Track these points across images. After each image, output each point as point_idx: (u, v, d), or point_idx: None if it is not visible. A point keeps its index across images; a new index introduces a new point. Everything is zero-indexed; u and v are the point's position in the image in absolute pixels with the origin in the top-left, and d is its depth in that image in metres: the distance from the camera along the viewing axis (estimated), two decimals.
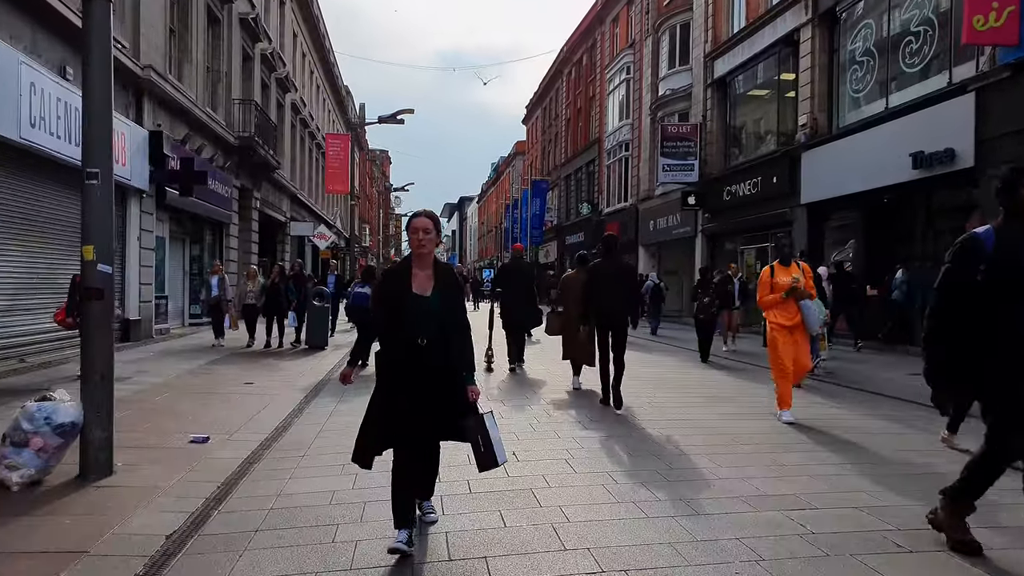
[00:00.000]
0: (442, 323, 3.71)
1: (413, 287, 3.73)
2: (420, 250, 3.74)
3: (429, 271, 3.79)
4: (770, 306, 7.26)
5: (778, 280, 7.23)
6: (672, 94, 25.41)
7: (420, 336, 3.65)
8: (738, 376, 10.89)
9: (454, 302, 3.85)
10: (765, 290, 7.30)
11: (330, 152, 27.02)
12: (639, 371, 10.73)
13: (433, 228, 3.76)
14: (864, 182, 14.94)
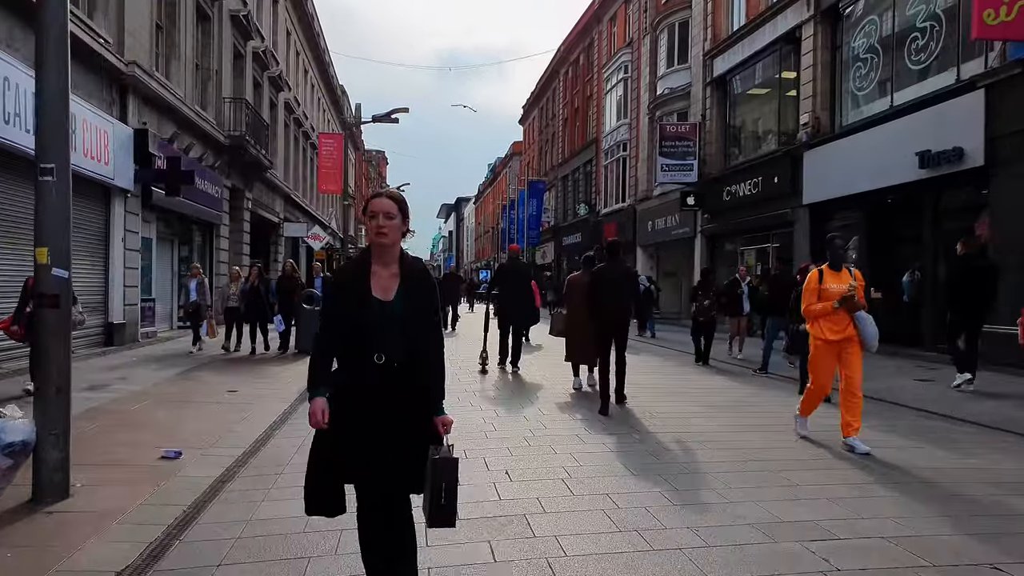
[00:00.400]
0: (411, 336, 2.88)
1: (373, 289, 2.89)
2: (380, 240, 2.87)
3: (394, 268, 2.93)
4: (818, 316, 6.24)
5: (828, 287, 6.20)
6: (671, 93, 25.03)
7: (378, 353, 2.82)
8: (739, 383, 10.50)
9: (425, 308, 2.96)
10: (812, 298, 6.28)
11: (323, 152, 26.60)
12: (637, 378, 10.29)
13: (398, 212, 2.89)
14: (868, 182, 14.57)
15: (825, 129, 16.69)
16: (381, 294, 2.89)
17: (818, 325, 6.26)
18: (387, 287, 2.91)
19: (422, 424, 2.92)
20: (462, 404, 8.33)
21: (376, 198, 2.92)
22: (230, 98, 21.02)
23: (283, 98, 29.60)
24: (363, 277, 2.92)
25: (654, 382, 10.35)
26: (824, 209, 16.74)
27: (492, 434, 6.57)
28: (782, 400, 8.82)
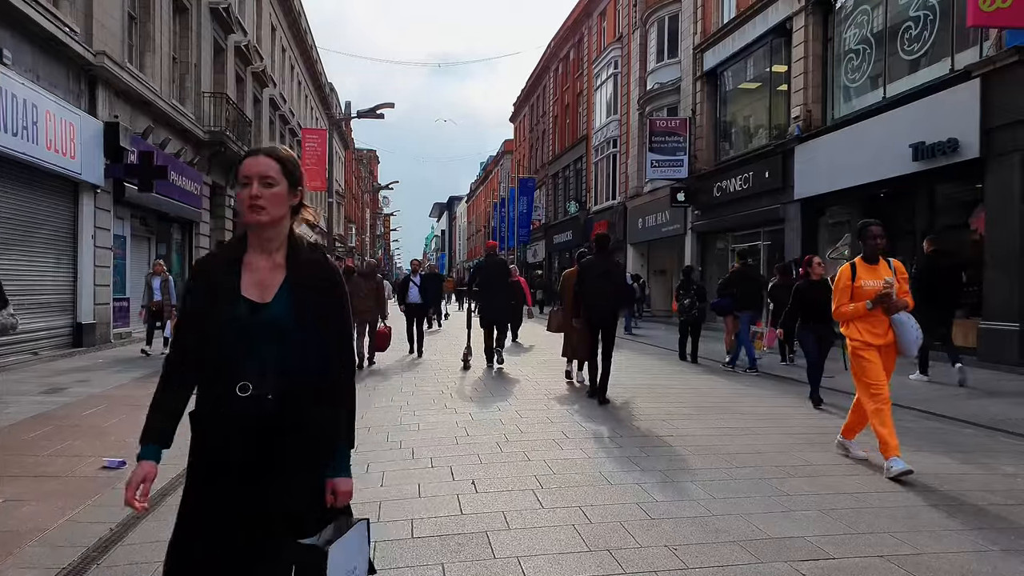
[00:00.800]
0: (298, 355, 1.98)
1: (243, 286, 2.00)
2: (255, 216, 1.99)
3: (278, 257, 2.05)
4: (850, 318, 5.36)
5: (862, 284, 5.30)
6: (660, 88, 24.66)
7: (243, 380, 1.93)
8: (728, 382, 10.12)
9: (323, 315, 2.03)
10: (843, 298, 5.40)
11: (307, 147, 26.14)
12: (620, 377, 9.93)
13: (281, 176, 2.03)
14: (861, 176, 14.21)
15: (817, 122, 16.34)
16: (255, 293, 1.99)
17: (854, 328, 5.36)
18: (265, 283, 2.00)
19: (303, 493, 1.98)
20: (436, 405, 7.94)
21: (250, 157, 2.07)
22: (210, 93, 20.55)
23: (268, 94, 29.11)
24: (231, 268, 2.02)
25: (640, 382, 9.95)
26: (816, 204, 16.40)
27: (463, 439, 6.16)
28: (772, 400, 8.46)
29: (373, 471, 5.14)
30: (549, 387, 9.36)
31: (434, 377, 10.42)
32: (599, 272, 8.38)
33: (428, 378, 10.36)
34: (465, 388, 9.32)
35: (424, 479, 4.91)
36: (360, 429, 6.69)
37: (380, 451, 5.76)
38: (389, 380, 10.20)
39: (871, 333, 5.28)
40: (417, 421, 6.98)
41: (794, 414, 7.51)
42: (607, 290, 8.33)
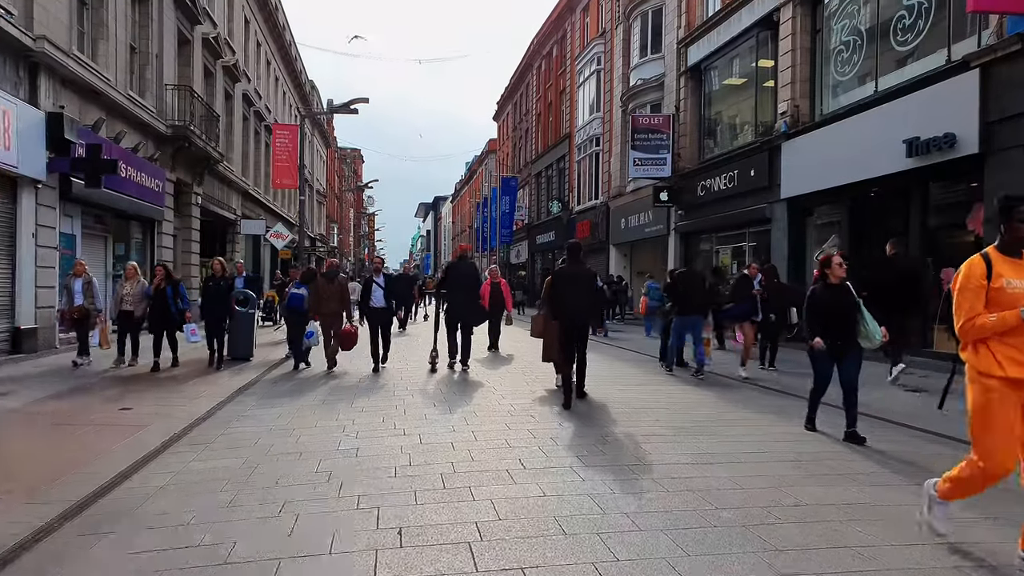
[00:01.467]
0: None
1: None
2: None
3: None
4: (987, 334, 3.56)
5: (1004, 284, 3.57)
6: (643, 84, 23.93)
7: None
8: (712, 397, 9.36)
9: None
10: (977, 303, 3.59)
11: (277, 143, 25.19)
12: (593, 388, 9.19)
13: None
14: (851, 173, 13.52)
15: (804, 118, 15.65)
16: None
17: (986, 353, 3.58)
18: None
19: None
20: (385, 425, 7.12)
21: None
22: (173, 85, 19.60)
23: (240, 89, 28.15)
24: None
25: (614, 395, 9.16)
26: (803, 203, 15.71)
27: (404, 471, 5.34)
28: (760, 420, 7.69)
29: (286, 515, 4.32)
30: (515, 401, 8.55)
31: (391, 390, 9.59)
32: (572, 279, 8.61)
33: (385, 391, 9.53)
34: (422, 403, 8.50)
35: (343, 526, 4.10)
36: (290, 455, 5.90)
37: (303, 486, 4.95)
38: (341, 393, 9.36)
39: (1014, 360, 3.50)
40: (358, 446, 6.16)
41: (784, 437, 6.74)
42: (580, 297, 8.53)
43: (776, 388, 9.81)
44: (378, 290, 11.74)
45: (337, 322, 11.58)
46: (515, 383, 10.06)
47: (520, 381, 10.22)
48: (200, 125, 21.11)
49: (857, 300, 6.60)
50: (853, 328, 6.54)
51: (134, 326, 11.46)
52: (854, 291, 6.67)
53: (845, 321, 6.53)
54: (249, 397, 9.16)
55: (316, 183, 56.70)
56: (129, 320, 11.37)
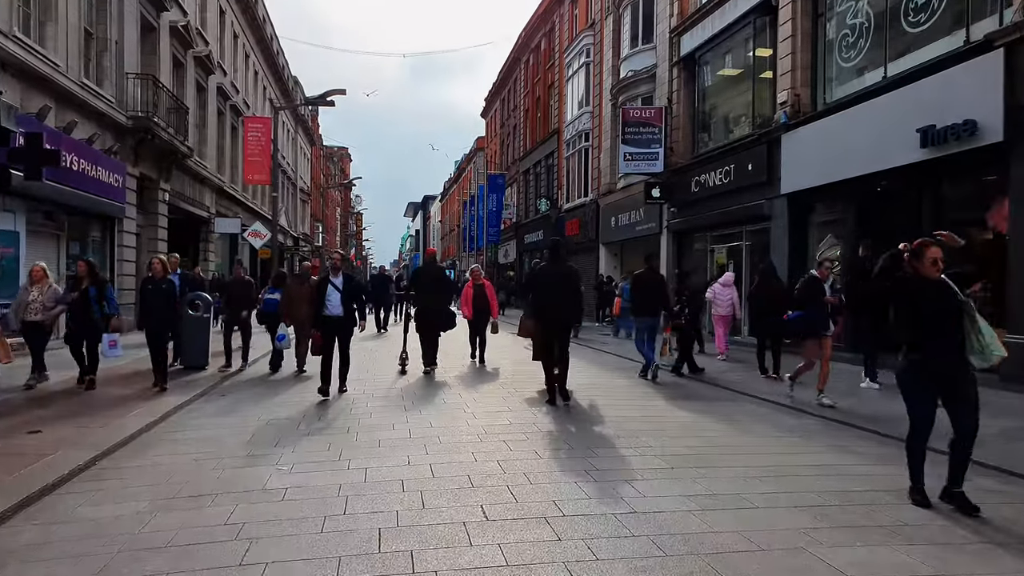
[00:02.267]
0: None
1: None
2: None
3: None
4: None
5: None
6: (634, 76, 22.89)
7: None
8: (713, 412, 8.33)
9: None
10: None
11: (249, 137, 24.00)
12: (578, 398, 8.13)
13: None
14: (858, 166, 12.51)
15: (806, 108, 14.64)
16: None
17: None
18: None
19: None
20: (330, 454, 6.05)
21: None
22: (136, 74, 18.43)
23: (215, 82, 26.97)
24: None
25: (600, 410, 8.13)
26: (805, 200, 14.69)
27: (333, 523, 4.26)
28: (775, 446, 6.64)
29: None
30: (488, 423, 7.46)
31: (348, 406, 8.51)
32: (553, 278, 8.73)
33: (340, 407, 8.45)
34: (379, 424, 7.41)
35: None
36: (203, 497, 4.77)
37: (199, 548, 3.87)
38: (292, 409, 8.28)
39: None
40: (287, 485, 5.08)
41: (803, 470, 5.68)
42: (562, 296, 8.63)
43: (786, 404, 8.81)
44: (334, 293, 9.34)
45: (310, 324, 10.78)
46: (492, 402, 8.96)
47: (498, 399, 9.13)
48: (166, 117, 19.97)
49: (966, 300, 4.73)
50: (961, 340, 4.67)
51: (42, 338, 9.69)
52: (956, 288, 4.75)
53: (944, 328, 4.66)
54: (188, 415, 8.08)
55: (300, 181, 55.55)
56: (37, 331, 9.58)
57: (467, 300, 12.65)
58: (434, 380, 10.82)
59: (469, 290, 12.69)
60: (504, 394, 9.49)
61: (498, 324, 12.66)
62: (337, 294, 9.31)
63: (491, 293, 12.79)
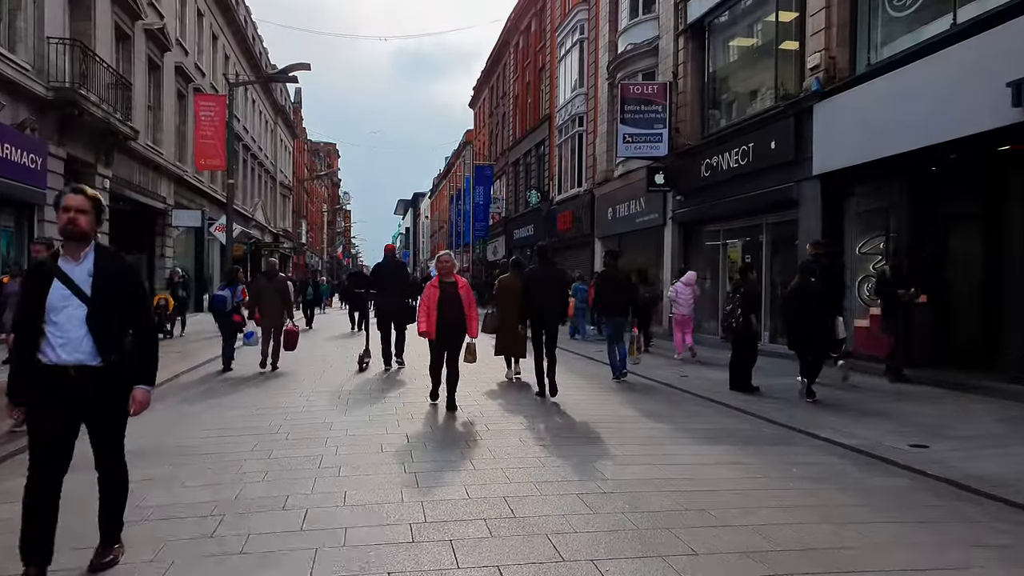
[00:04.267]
0: None
1: None
2: None
3: None
4: None
5: None
6: (634, 49, 20.49)
7: None
8: (716, 437, 5.97)
9: None
10: None
11: (201, 116, 21.44)
12: (559, 430, 5.76)
13: None
14: (915, 136, 10.13)
15: (843, 72, 12.27)
16: None
17: None
18: None
19: None
20: (272, 473, 3.65)
21: None
22: (59, 39, 15.91)
23: (172, 61, 24.43)
24: None
25: (577, 448, 5.75)
26: (842, 180, 12.32)
27: None
28: (819, 487, 4.27)
29: None
30: (449, 438, 5.07)
31: (270, 428, 6.17)
32: (543, 281, 9.38)
33: (261, 431, 6.15)
34: (314, 449, 5.08)
35: None
36: None
37: None
38: (187, 433, 5.86)
39: None
40: None
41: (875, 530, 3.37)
42: (552, 297, 9.32)
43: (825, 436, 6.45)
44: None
45: (278, 321, 11.79)
46: (455, 421, 6.60)
47: (463, 415, 6.75)
48: (103, 93, 17.49)
49: None
50: None
51: None
52: None
53: None
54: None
55: (280, 175, 52.97)
56: None
57: (428, 307, 8.03)
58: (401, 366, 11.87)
59: (433, 292, 8.07)
60: (474, 409, 7.09)
61: (475, 348, 8.47)
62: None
63: (469, 297, 8.33)
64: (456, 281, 8.26)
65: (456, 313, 8.03)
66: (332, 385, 10.14)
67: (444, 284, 8.12)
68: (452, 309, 8.00)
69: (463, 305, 8.10)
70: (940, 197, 11.02)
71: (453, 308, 8.00)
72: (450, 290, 8.09)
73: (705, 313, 16.37)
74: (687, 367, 12.28)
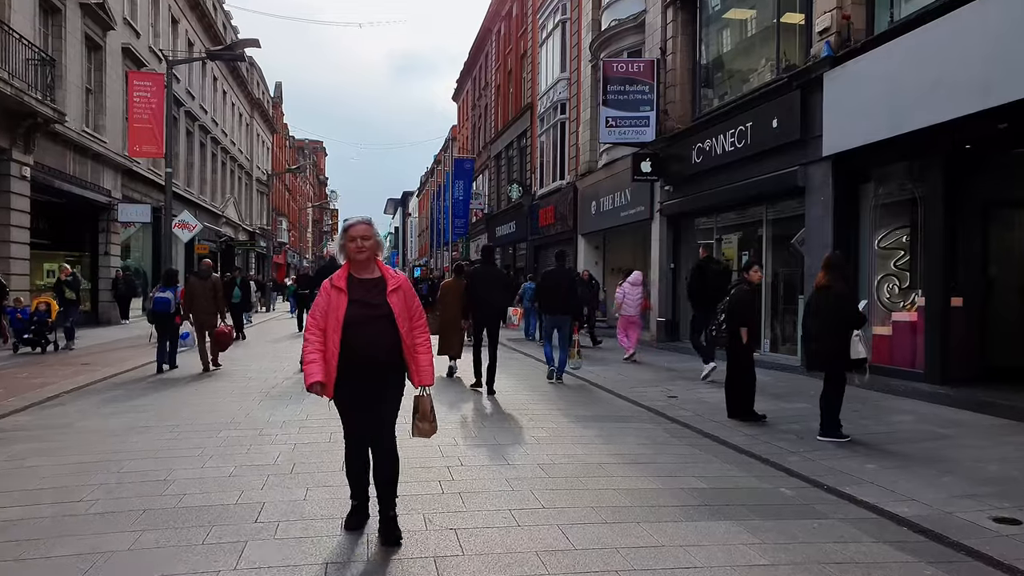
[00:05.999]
0: None
1: None
2: None
3: None
4: None
5: None
6: (618, 25, 18.56)
7: None
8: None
9: None
10: None
11: (135, 98, 19.32)
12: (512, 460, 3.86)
13: None
14: (954, 104, 8.23)
15: (859, 33, 10.36)
16: None
17: None
18: None
19: None
20: None
21: None
22: None
23: (118, 42, 22.36)
24: None
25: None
26: (858, 161, 10.40)
27: None
28: None
29: None
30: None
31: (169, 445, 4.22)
32: (485, 280, 9.89)
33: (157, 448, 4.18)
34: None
35: None
36: None
37: None
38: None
39: None
40: None
41: None
42: (494, 295, 9.82)
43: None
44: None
45: (211, 322, 11.87)
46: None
47: None
48: (19, 69, 15.46)
49: None
50: None
51: None
52: None
53: None
54: None
55: (256, 171, 50.85)
56: None
57: (323, 333, 4.04)
58: None
59: (333, 301, 4.03)
60: None
61: (430, 404, 4.19)
62: None
63: (409, 307, 4.17)
64: (383, 277, 4.13)
65: (381, 342, 4.00)
66: (259, 388, 9.95)
67: (356, 284, 4.06)
68: (373, 335, 3.99)
69: (396, 326, 4.03)
70: (979, 180, 9.14)
71: (376, 332, 3.99)
72: (370, 297, 4.05)
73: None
74: (675, 384, 10.37)
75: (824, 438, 6.54)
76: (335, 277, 4.09)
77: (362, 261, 4.07)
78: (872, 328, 9.95)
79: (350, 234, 4.06)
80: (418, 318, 4.18)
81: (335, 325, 3.93)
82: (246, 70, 47.07)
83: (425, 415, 4.11)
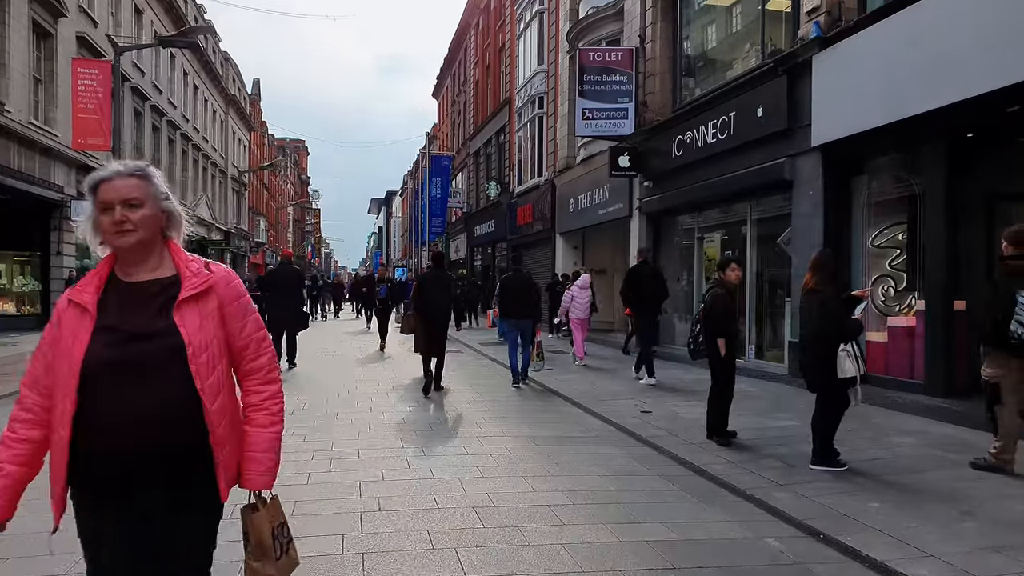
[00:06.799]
0: None
1: None
2: None
3: None
4: None
5: None
6: (596, 13, 17.64)
7: None
8: None
9: None
10: None
11: (79, 86, 18.17)
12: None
13: None
14: (958, 86, 7.34)
15: (850, 12, 9.48)
16: None
17: None
18: None
19: None
20: None
21: None
22: None
23: (71, 30, 21.21)
24: None
25: None
26: (849, 151, 9.51)
27: None
28: None
29: None
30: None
31: None
32: (433, 283, 10.08)
33: None
34: None
35: None
36: None
37: None
38: None
39: None
40: None
41: None
42: (442, 296, 10.03)
43: None
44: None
45: None
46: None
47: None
48: None
49: None
50: None
51: None
52: None
53: None
54: None
55: (232, 169, 49.57)
56: None
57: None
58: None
59: (60, 327, 2.05)
60: None
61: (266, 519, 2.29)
62: None
63: (238, 343, 2.20)
64: (177, 276, 2.09)
65: (158, 410, 1.95)
66: None
67: (118, 294, 2.06)
68: (143, 395, 1.94)
69: (191, 373, 1.98)
70: (981, 172, 8.26)
71: (148, 390, 1.95)
72: (138, 319, 2.02)
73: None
74: (648, 396, 9.42)
75: (817, 467, 5.62)
76: (80, 284, 2.06)
77: (129, 248, 2.04)
78: (865, 335, 9.04)
79: (102, 196, 2.00)
80: (254, 352, 2.17)
81: (67, 377, 1.94)
82: (220, 65, 45.85)
83: (263, 548, 2.11)
